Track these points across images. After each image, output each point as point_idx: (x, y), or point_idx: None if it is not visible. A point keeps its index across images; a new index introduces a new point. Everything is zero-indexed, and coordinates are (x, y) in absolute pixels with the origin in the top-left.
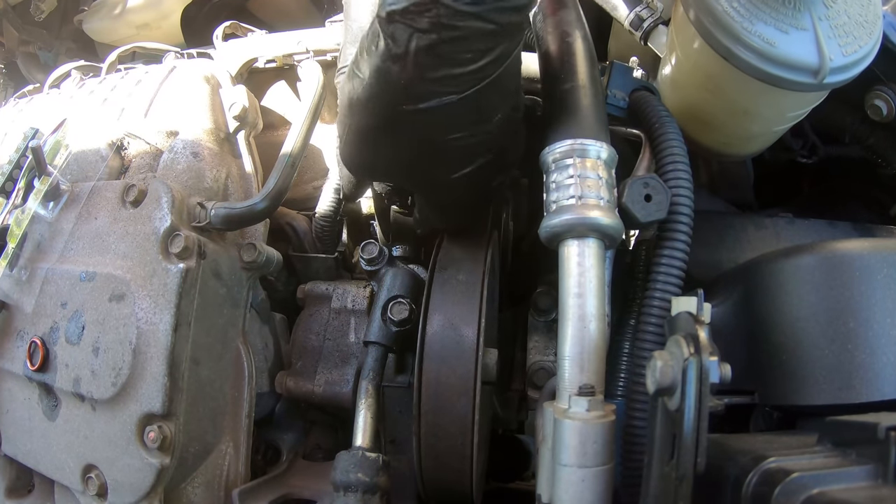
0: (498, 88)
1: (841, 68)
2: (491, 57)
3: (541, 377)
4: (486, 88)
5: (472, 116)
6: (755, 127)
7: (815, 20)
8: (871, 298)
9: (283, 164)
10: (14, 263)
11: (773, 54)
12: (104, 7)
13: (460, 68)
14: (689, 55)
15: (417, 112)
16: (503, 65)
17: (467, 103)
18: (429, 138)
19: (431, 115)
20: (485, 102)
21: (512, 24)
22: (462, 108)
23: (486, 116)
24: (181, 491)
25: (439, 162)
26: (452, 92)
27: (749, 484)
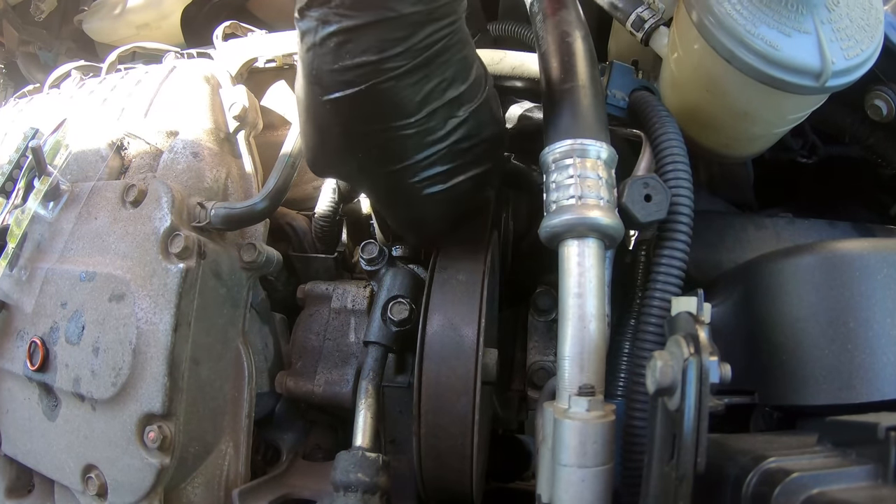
0: (420, 80)
1: (843, 72)
2: (400, 48)
3: (541, 377)
4: (400, 79)
5: (393, 108)
6: (756, 129)
7: (817, 24)
8: (871, 298)
9: (283, 164)
10: (14, 263)
11: (776, 57)
12: (104, 7)
13: (365, 56)
14: (691, 57)
15: (329, 102)
16: (419, 57)
17: (382, 94)
18: (351, 128)
19: (343, 105)
20: (405, 94)
21: (415, 13)
22: (377, 98)
23: (411, 110)
24: (181, 491)
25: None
26: (362, 81)
27: (749, 484)
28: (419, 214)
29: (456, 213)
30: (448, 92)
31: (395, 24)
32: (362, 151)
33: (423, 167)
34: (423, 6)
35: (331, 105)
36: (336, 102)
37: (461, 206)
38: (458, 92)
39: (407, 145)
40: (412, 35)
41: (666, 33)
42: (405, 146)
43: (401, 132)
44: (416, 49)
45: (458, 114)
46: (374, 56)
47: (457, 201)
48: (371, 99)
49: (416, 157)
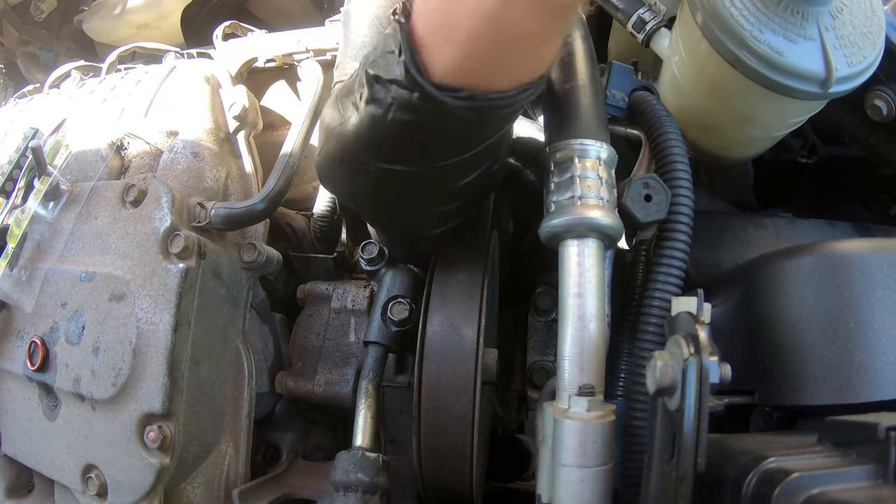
0: (471, 163)
1: (846, 78)
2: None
3: (541, 377)
4: (457, 164)
5: (435, 184)
6: (756, 132)
7: (821, 30)
8: (871, 298)
9: (283, 164)
10: (14, 263)
11: (781, 63)
12: (104, 7)
13: (432, 144)
14: (694, 59)
15: (380, 169)
16: (482, 145)
17: (432, 174)
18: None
19: (392, 175)
20: (453, 173)
21: (501, 119)
22: (425, 177)
23: (452, 185)
24: (181, 491)
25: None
26: (419, 164)
27: (749, 484)
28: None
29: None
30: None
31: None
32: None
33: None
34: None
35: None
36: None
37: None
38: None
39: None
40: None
41: (667, 35)
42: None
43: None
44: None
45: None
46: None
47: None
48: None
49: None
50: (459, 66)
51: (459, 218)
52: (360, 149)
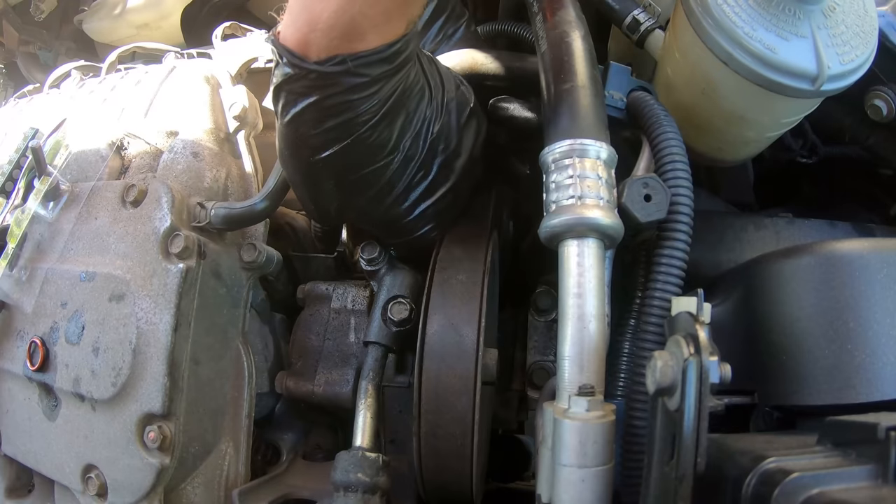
0: (392, 119)
1: (838, 76)
2: (373, 101)
3: (541, 377)
4: (377, 124)
5: (376, 148)
6: (750, 133)
7: (814, 28)
8: (871, 298)
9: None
10: (14, 263)
11: (774, 60)
12: (104, 7)
13: (344, 116)
14: (688, 59)
15: (320, 161)
16: (388, 102)
17: (364, 141)
18: (344, 178)
19: (334, 159)
20: (384, 134)
21: (383, 73)
22: (361, 146)
23: (392, 145)
24: (181, 491)
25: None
26: (346, 137)
27: (749, 484)
28: (411, 233)
29: (445, 226)
30: (413, 119)
31: (367, 85)
32: (360, 195)
33: (411, 188)
34: (389, 65)
35: (322, 163)
36: (326, 159)
37: (450, 216)
38: (424, 116)
39: (395, 175)
40: (381, 89)
41: (661, 37)
42: (393, 176)
43: (389, 166)
44: (385, 97)
45: (430, 132)
46: (352, 113)
47: (444, 213)
48: (356, 148)
49: (403, 181)
50: (323, 43)
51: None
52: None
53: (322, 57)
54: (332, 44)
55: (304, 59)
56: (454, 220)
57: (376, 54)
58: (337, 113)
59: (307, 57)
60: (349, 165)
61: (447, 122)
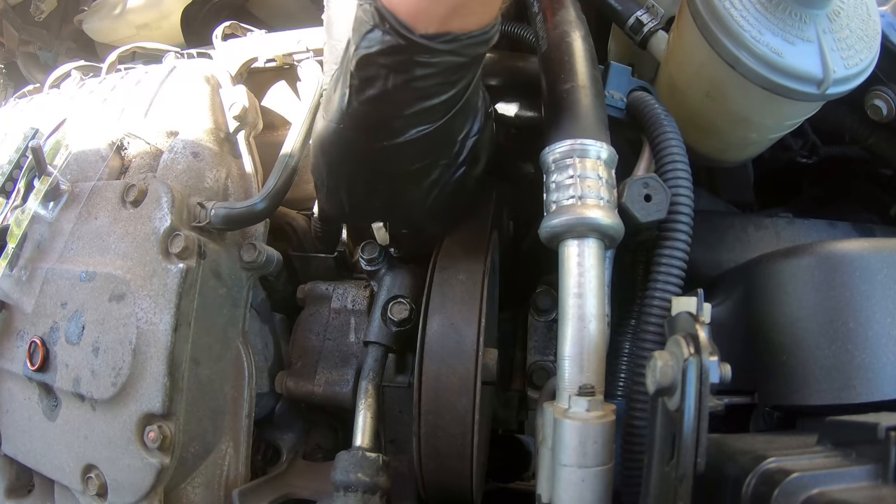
0: (465, 110)
1: (842, 80)
2: (461, 86)
3: (541, 377)
4: (456, 114)
5: (443, 142)
6: (753, 134)
7: (819, 33)
8: (871, 298)
9: (283, 164)
10: (14, 263)
11: (780, 64)
12: (104, 7)
13: (434, 100)
14: (693, 61)
15: (393, 147)
16: (468, 91)
17: (441, 131)
18: (407, 167)
19: (407, 147)
20: (456, 126)
21: (480, 56)
22: (437, 135)
23: (455, 138)
24: (181, 491)
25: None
26: (428, 122)
27: (749, 484)
28: (422, 222)
29: (457, 212)
30: (475, 116)
31: (466, 67)
32: (413, 187)
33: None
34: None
35: (395, 149)
36: (400, 146)
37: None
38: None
39: (443, 170)
40: (467, 74)
41: (664, 38)
42: (442, 171)
43: (442, 160)
44: (467, 86)
45: (477, 130)
46: (445, 95)
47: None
48: (431, 137)
49: (446, 176)
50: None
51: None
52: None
53: (431, 31)
54: (443, 18)
55: (412, 31)
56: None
57: (482, 34)
58: (434, 94)
59: (415, 28)
60: (418, 154)
61: (485, 119)
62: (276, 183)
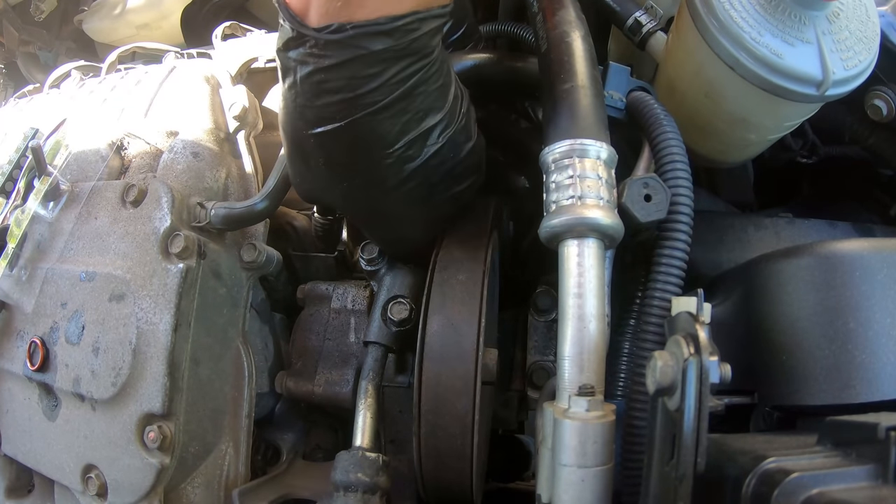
0: (397, 113)
1: (842, 81)
2: (374, 83)
3: (541, 377)
4: (378, 113)
5: (373, 141)
6: (752, 135)
7: (819, 34)
8: (871, 298)
9: (283, 164)
10: (14, 263)
11: (780, 66)
12: (104, 7)
13: (342, 94)
14: (692, 62)
15: (312, 136)
16: (395, 91)
17: (361, 128)
18: (334, 160)
19: (326, 138)
20: (384, 127)
21: (385, 51)
22: (356, 132)
23: (390, 141)
24: (181, 491)
25: (357, 184)
26: (341, 117)
27: (749, 484)
28: (399, 234)
29: (435, 229)
30: (425, 121)
31: (367, 62)
32: (346, 181)
33: (403, 191)
34: (393, 42)
35: (314, 138)
36: (319, 136)
37: (440, 222)
38: (434, 121)
39: (387, 173)
40: (384, 71)
41: (663, 39)
42: (385, 174)
43: (381, 161)
44: (391, 84)
45: (435, 140)
46: (351, 93)
47: (435, 219)
48: (351, 132)
49: (396, 182)
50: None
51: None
52: (295, 124)
53: (322, 23)
54: (331, 8)
55: (304, 24)
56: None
57: (376, 25)
58: (335, 89)
59: (307, 21)
60: (341, 148)
61: (458, 132)
62: (276, 183)
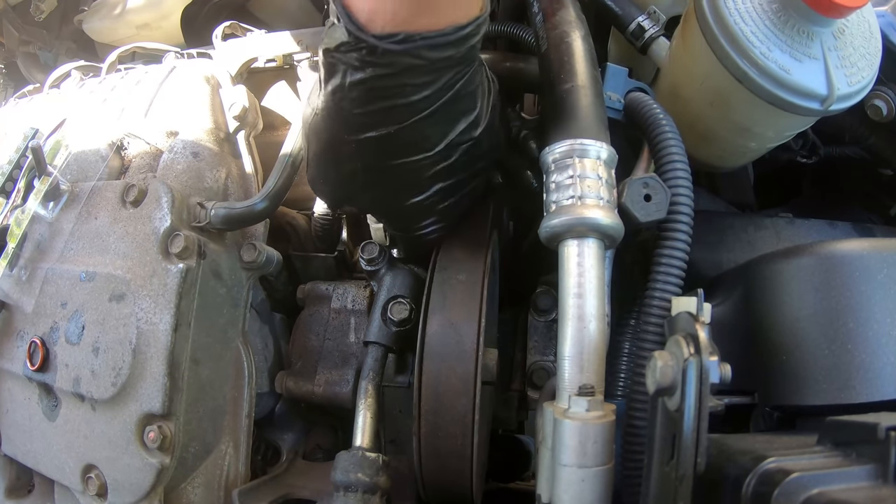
0: (442, 118)
1: (845, 97)
2: (428, 91)
3: (541, 377)
4: (426, 119)
5: (415, 145)
6: (753, 143)
7: (825, 50)
8: (871, 298)
9: (283, 164)
10: (14, 263)
11: (787, 81)
12: (104, 7)
13: (394, 101)
14: (698, 71)
15: (355, 142)
16: (444, 97)
17: (408, 134)
18: (372, 165)
19: (368, 145)
20: (429, 132)
21: (445, 59)
22: (402, 138)
23: (432, 144)
24: (181, 491)
25: (390, 187)
26: (390, 124)
27: (749, 484)
28: (419, 228)
29: (453, 223)
30: (460, 122)
31: (425, 71)
32: (380, 185)
33: (432, 191)
34: (454, 51)
35: (356, 143)
36: (361, 142)
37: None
38: (469, 121)
39: (422, 175)
40: (438, 79)
41: (665, 44)
42: (419, 176)
43: (419, 163)
44: (441, 90)
45: (470, 138)
46: (403, 100)
47: (454, 214)
48: (397, 139)
49: (427, 183)
50: (392, 14)
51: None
52: (334, 127)
53: (386, 31)
54: (400, 16)
55: (364, 30)
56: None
57: (444, 36)
58: (388, 96)
59: (369, 27)
60: (382, 154)
61: (489, 128)
62: (276, 183)
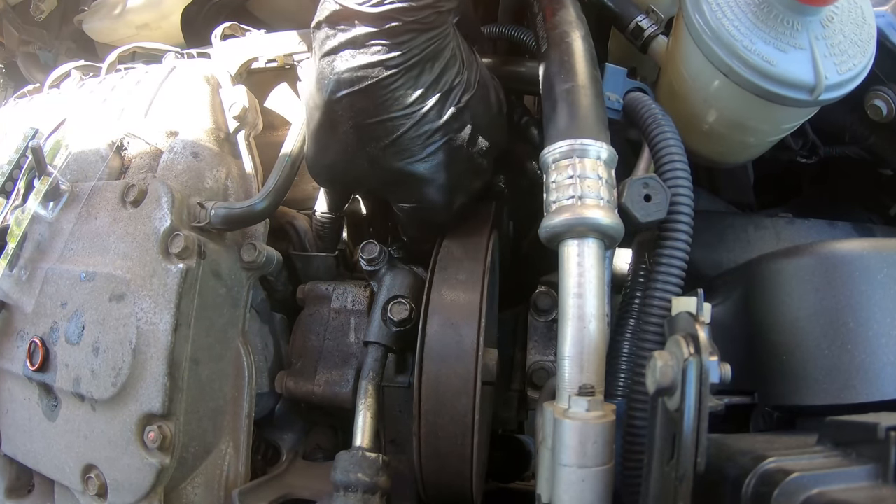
0: (417, 76)
1: (836, 86)
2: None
3: (541, 377)
4: (400, 75)
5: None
6: (751, 138)
7: (812, 40)
8: (871, 298)
9: (283, 164)
10: (14, 263)
11: (772, 73)
12: (104, 7)
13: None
14: (689, 69)
15: (345, 97)
16: (416, 55)
17: (383, 88)
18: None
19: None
20: (405, 87)
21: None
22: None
23: (409, 101)
24: (181, 491)
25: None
26: (366, 79)
27: (749, 484)
28: (423, 201)
29: (455, 200)
30: (440, 83)
31: (399, 31)
32: (373, 142)
33: (427, 152)
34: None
35: (346, 99)
36: (350, 97)
37: (461, 194)
38: (450, 84)
39: (410, 132)
40: (412, 40)
41: (665, 43)
42: (409, 133)
43: (405, 121)
44: (414, 50)
45: (454, 103)
46: (382, 56)
47: (456, 188)
48: (377, 93)
49: (420, 141)
50: None
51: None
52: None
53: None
54: None
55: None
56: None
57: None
58: (368, 55)
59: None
60: (368, 108)
61: (476, 97)
62: (276, 183)
